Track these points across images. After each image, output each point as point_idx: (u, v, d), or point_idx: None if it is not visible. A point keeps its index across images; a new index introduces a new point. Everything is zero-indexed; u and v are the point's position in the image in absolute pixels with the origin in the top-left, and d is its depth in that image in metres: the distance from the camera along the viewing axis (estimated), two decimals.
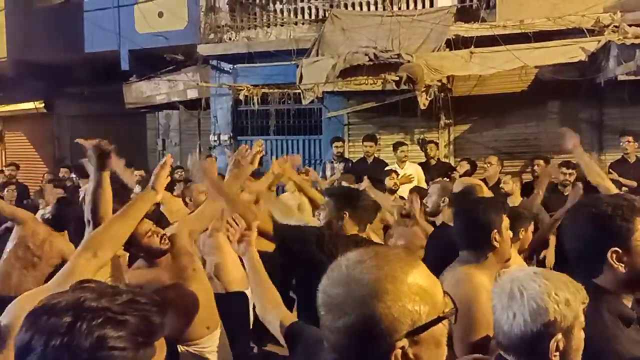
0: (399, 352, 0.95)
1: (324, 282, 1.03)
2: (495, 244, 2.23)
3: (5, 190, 6.34)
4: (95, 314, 0.90)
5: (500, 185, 5.09)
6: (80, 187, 6.48)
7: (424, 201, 4.13)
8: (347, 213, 2.74)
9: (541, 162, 6.07)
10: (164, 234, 2.71)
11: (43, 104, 12.20)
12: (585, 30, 6.45)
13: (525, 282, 1.40)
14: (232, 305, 3.32)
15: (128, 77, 9.74)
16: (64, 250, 3.89)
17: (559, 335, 1.35)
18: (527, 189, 5.87)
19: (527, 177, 6.72)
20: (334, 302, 0.99)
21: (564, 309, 1.36)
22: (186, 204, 4.83)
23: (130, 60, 9.40)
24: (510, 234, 2.32)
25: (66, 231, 4.16)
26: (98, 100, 10.92)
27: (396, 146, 6.72)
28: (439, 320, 0.98)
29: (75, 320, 0.89)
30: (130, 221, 2.15)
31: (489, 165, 6.19)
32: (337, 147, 7.17)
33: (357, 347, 0.96)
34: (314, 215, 3.93)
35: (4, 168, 9.57)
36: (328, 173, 7.01)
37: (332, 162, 7.15)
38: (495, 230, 2.23)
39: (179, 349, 2.76)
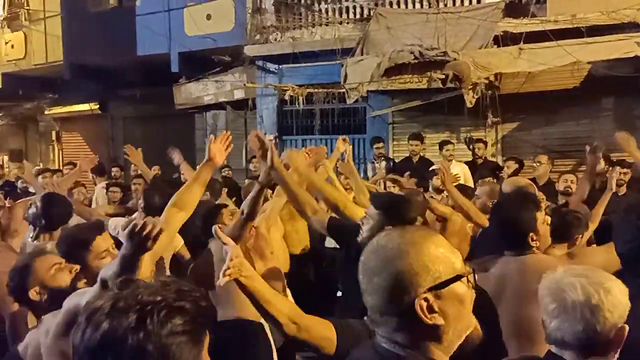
0: (423, 303, 1.09)
1: (361, 260, 1.20)
2: (533, 244, 2.24)
3: (74, 191, 6.52)
4: (156, 306, 0.96)
5: (563, 181, 4.94)
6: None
7: (472, 202, 4.08)
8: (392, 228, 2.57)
9: (602, 160, 5.84)
10: (253, 226, 3.07)
11: (98, 106, 12.72)
12: None
13: (574, 282, 1.43)
14: None
15: (178, 78, 10.03)
16: None
17: (612, 332, 1.39)
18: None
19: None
20: (368, 267, 1.17)
21: (614, 307, 1.39)
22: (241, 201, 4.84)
23: (179, 62, 9.67)
24: (547, 225, 2.33)
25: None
26: (149, 102, 11.31)
27: (442, 145, 6.65)
28: (458, 277, 1.12)
29: (144, 315, 0.94)
30: (200, 186, 2.52)
31: (538, 164, 6.02)
32: (377, 147, 7.13)
33: (389, 302, 1.12)
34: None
35: (62, 167, 10.04)
36: (370, 173, 7.01)
37: (373, 162, 7.13)
38: (532, 233, 2.23)
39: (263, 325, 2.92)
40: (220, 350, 2.55)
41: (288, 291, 3.34)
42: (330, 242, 5.81)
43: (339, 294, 3.55)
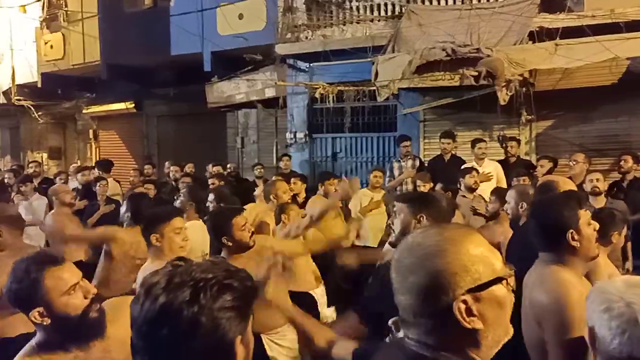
0: (461, 305, 1.05)
1: (396, 252, 1.16)
2: (574, 243, 2.08)
3: (98, 186, 6.73)
4: (208, 282, 1.04)
5: (589, 181, 4.82)
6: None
7: (504, 208, 4.00)
8: (424, 216, 2.47)
9: (629, 158, 5.70)
10: (253, 232, 3.02)
11: (133, 104, 12.98)
12: None
13: (624, 295, 1.31)
14: (299, 305, 3.39)
15: (210, 77, 10.16)
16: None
17: None
18: (614, 189, 5.55)
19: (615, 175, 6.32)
20: (402, 265, 1.12)
21: None
22: (268, 201, 4.77)
23: (212, 62, 9.79)
24: (593, 230, 2.13)
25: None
26: (182, 100, 11.50)
27: (474, 143, 6.53)
28: (498, 280, 1.08)
29: (197, 290, 1.02)
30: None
31: (574, 163, 5.87)
32: (404, 146, 7.02)
33: (424, 303, 1.07)
34: None
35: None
36: (396, 172, 6.91)
37: (399, 161, 7.04)
38: (572, 230, 2.09)
39: (262, 339, 2.90)
40: None
41: (322, 286, 3.35)
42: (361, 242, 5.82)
43: None
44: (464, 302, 1.04)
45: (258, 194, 5.98)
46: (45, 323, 1.74)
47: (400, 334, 1.17)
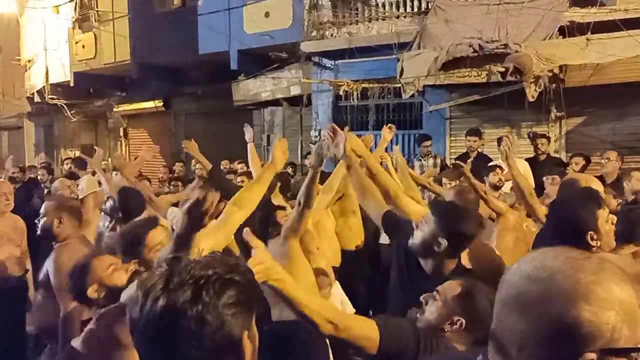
0: None
1: (512, 274, 0.95)
2: (593, 243, 2.09)
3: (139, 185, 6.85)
4: (210, 279, 1.01)
5: (636, 180, 4.65)
6: None
7: (545, 202, 3.92)
8: (445, 240, 2.31)
9: None
10: None
11: (162, 103, 13.20)
12: None
13: None
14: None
15: (236, 76, 10.25)
16: None
17: None
18: None
19: None
20: (526, 290, 0.91)
21: None
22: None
23: (238, 60, 9.87)
24: (611, 225, 2.15)
25: None
26: (210, 99, 11.63)
27: (500, 140, 6.41)
28: (637, 350, 0.88)
29: (199, 288, 1.00)
30: (262, 187, 2.57)
31: (606, 161, 5.69)
32: (425, 145, 6.91)
33: (543, 344, 0.88)
34: None
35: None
36: (417, 171, 6.85)
37: (420, 160, 6.96)
38: (591, 232, 2.09)
39: None
40: (278, 351, 2.59)
41: (337, 285, 3.33)
42: (385, 239, 5.77)
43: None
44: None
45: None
46: (100, 296, 2.25)
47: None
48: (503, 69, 6.44)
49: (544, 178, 5.27)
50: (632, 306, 0.88)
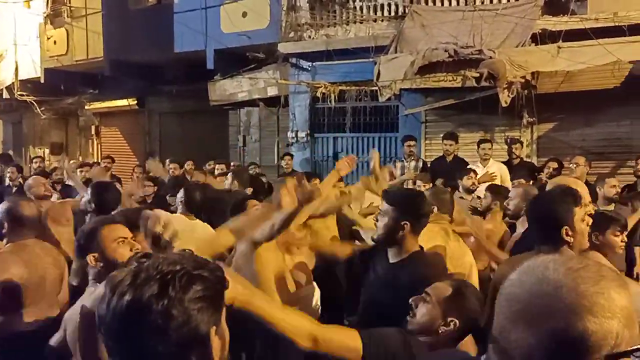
0: None
1: (512, 286, 0.98)
2: (568, 239, 2.20)
3: None
4: (177, 274, 1.01)
5: (608, 187, 4.79)
6: None
7: (505, 203, 4.02)
8: (408, 224, 2.54)
9: None
10: None
11: (136, 101, 13.01)
12: None
13: None
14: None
15: (213, 75, 10.17)
16: None
17: None
18: (628, 192, 5.48)
19: (624, 178, 6.29)
20: (532, 305, 0.94)
21: None
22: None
23: (215, 59, 9.79)
24: (587, 225, 2.26)
25: None
26: (185, 98, 11.51)
27: (479, 143, 6.54)
28: (636, 350, 0.93)
29: (166, 283, 1.00)
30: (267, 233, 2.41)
31: (575, 166, 5.87)
32: (409, 145, 7.04)
33: (551, 356, 0.91)
34: None
35: (100, 160, 10.34)
36: (399, 172, 6.92)
37: (402, 162, 7.05)
38: (566, 227, 2.19)
39: None
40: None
41: (314, 285, 3.34)
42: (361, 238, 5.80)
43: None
44: None
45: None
46: (99, 267, 2.15)
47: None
48: (477, 75, 6.56)
49: (513, 182, 5.43)
50: (629, 310, 0.93)
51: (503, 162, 6.61)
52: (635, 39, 6.07)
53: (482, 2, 7.62)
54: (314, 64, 8.98)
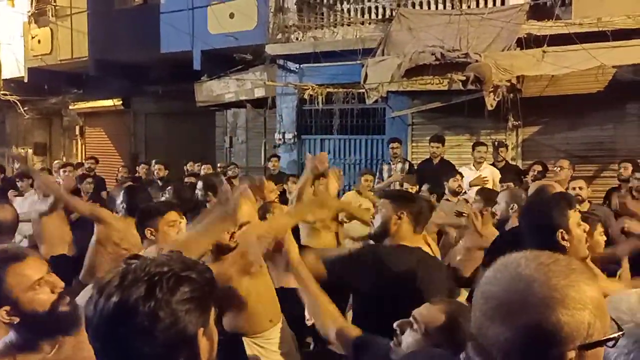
0: None
1: (488, 283, 1.00)
2: (564, 243, 2.11)
3: (84, 183, 6.72)
4: (164, 275, 1.01)
5: (572, 188, 4.85)
6: None
7: (493, 209, 4.04)
8: (404, 213, 2.55)
9: (629, 165, 5.71)
10: (234, 232, 2.70)
11: (121, 102, 12.89)
12: None
13: (636, 315, 1.25)
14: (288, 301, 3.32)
15: (200, 76, 10.12)
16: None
17: None
18: (611, 195, 5.53)
19: (607, 182, 6.36)
20: (507, 301, 0.96)
21: None
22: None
23: (202, 60, 9.74)
24: (583, 230, 2.17)
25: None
26: (172, 99, 11.43)
27: (474, 146, 6.54)
28: (610, 340, 0.96)
29: (153, 285, 1.00)
30: (209, 239, 2.22)
31: (559, 169, 5.92)
32: (393, 147, 7.07)
33: (528, 349, 0.94)
34: None
35: (84, 161, 10.21)
36: (385, 175, 6.96)
37: (389, 164, 7.08)
38: (561, 230, 2.12)
39: (245, 341, 2.87)
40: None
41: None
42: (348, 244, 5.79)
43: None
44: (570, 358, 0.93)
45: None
46: (15, 322, 1.63)
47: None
48: (464, 78, 6.60)
49: (500, 185, 5.48)
50: (600, 301, 0.96)
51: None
52: (619, 44, 6.15)
53: (469, 7, 7.69)
54: (301, 65, 8.98)
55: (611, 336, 0.96)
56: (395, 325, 1.73)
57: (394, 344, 1.73)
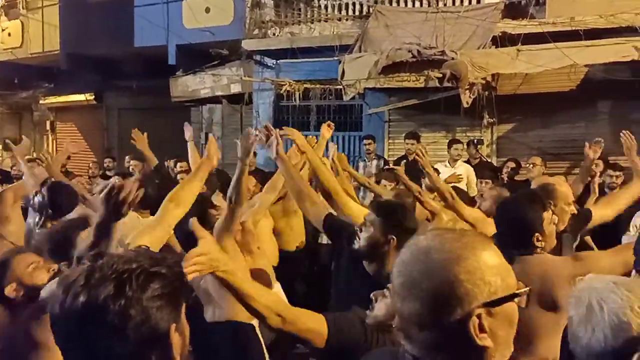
0: (476, 320, 0.96)
1: (403, 255, 1.05)
2: (539, 244, 2.23)
3: (73, 181, 6.53)
4: (133, 272, 0.99)
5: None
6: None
7: (477, 205, 4.07)
8: (394, 238, 2.40)
9: (600, 162, 5.82)
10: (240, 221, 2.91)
11: (93, 96, 12.66)
12: (639, 29, 6.21)
13: (604, 294, 1.26)
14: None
15: (175, 71, 9.98)
16: None
17: None
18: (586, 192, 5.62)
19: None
20: (411, 270, 1.01)
21: None
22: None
23: (177, 55, 9.62)
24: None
25: None
26: (146, 94, 11.25)
27: (451, 144, 6.60)
28: (515, 295, 1.00)
29: (122, 282, 0.97)
30: (198, 183, 2.53)
31: (532, 166, 6.02)
32: (366, 144, 7.09)
33: (435, 313, 0.97)
34: None
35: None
36: (361, 172, 6.97)
37: (364, 161, 7.10)
38: (537, 234, 2.22)
39: (257, 328, 2.85)
40: (211, 352, 2.52)
41: (278, 284, 3.31)
42: (325, 238, 5.80)
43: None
44: (478, 316, 0.96)
45: None
46: (20, 294, 2.14)
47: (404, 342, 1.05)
48: (440, 75, 6.64)
49: (478, 181, 5.52)
50: (495, 260, 1.01)
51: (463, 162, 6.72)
52: (591, 43, 6.26)
53: (445, 4, 7.74)
54: (278, 61, 8.93)
55: (516, 292, 1.00)
56: (372, 295, 1.85)
57: (369, 310, 1.87)
